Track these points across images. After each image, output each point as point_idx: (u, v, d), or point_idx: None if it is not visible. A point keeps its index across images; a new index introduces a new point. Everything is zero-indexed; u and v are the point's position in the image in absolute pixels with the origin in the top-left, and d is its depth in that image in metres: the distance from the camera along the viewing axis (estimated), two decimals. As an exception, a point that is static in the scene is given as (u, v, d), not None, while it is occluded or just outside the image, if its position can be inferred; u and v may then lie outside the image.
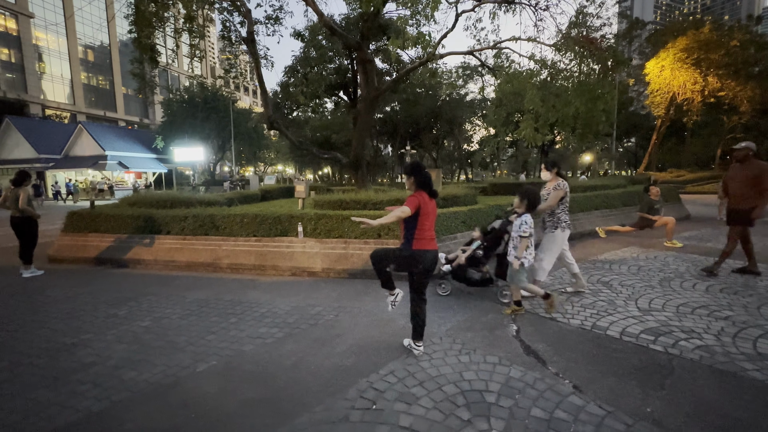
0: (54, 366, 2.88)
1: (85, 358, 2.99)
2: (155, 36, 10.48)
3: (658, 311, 3.67)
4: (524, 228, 3.49)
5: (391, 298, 3.12)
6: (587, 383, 2.47)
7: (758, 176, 4.51)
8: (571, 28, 8.74)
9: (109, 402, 2.38)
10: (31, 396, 2.47)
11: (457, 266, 4.14)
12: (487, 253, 4.09)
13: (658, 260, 5.71)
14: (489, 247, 4.10)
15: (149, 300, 4.42)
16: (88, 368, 2.83)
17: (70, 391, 2.53)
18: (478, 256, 4.08)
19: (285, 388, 2.51)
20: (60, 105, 40.99)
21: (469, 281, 4.17)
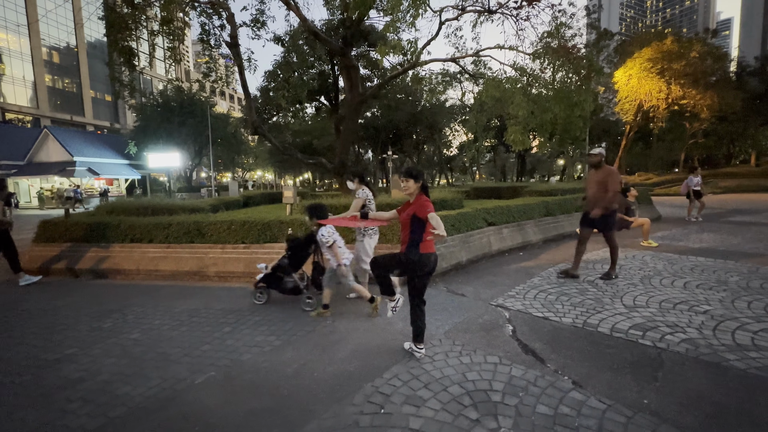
0: (39, 383, 2.72)
1: (71, 374, 2.84)
2: (132, 39, 10.17)
3: (642, 308, 3.85)
4: (325, 238, 3.83)
5: (392, 304, 3.13)
6: (586, 379, 2.56)
7: (604, 180, 4.73)
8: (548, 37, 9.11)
9: (104, 418, 2.28)
10: (17, 416, 2.33)
11: (270, 274, 4.21)
12: (292, 262, 4.20)
13: (637, 259, 5.98)
14: (294, 256, 4.22)
15: (135, 311, 4.25)
16: (77, 384, 2.70)
17: (60, 409, 2.40)
18: (283, 265, 4.19)
19: (290, 396, 2.47)
20: (22, 108, 38.83)
21: (282, 289, 4.23)
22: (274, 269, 4.21)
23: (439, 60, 9.54)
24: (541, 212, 7.91)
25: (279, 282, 4.21)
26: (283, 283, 4.21)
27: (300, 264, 4.29)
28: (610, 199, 4.70)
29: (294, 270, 4.24)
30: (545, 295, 4.34)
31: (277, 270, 4.20)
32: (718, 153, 37.35)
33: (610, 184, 4.69)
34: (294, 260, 4.22)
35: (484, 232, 6.45)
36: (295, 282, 4.19)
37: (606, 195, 4.71)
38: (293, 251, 4.23)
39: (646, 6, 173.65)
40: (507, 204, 7.37)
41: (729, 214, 11.86)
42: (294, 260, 4.22)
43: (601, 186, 4.76)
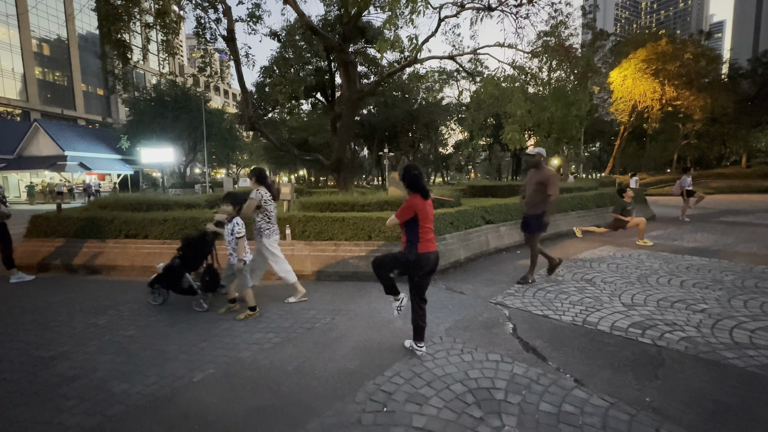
0: (32, 381, 2.66)
1: (66, 372, 2.78)
2: (124, 30, 9.98)
3: (641, 306, 3.87)
4: (238, 229, 3.74)
5: (396, 303, 3.09)
6: (587, 377, 2.56)
7: (544, 182, 4.57)
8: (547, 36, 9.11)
9: (102, 417, 2.23)
10: (10, 414, 2.27)
11: (163, 274, 4.12)
12: (185, 262, 4.11)
13: (633, 258, 6.02)
14: (186, 256, 4.12)
15: (130, 308, 4.18)
16: (72, 382, 2.64)
17: (55, 407, 2.34)
18: (175, 265, 4.09)
19: (291, 394, 2.44)
20: (11, 101, 38.07)
21: (177, 289, 4.13)
22: (165, 269, 4.09)
23: (437, 57, 9.50)
24: (538, 211, 7.92)
25: (174, 282, 4.09)
26: (178, 282, 4.07)
27: (194, 263, 4.14)
28: (552, 202, 4.56)
29: (188, 270, 4.09)
30: (544, 293, 4.35)
31: (170, 270, 4.08)
32: (710, 154, 37.83)
33: (549, 187, 4.52)
34: (186, 260, 4.09)
35: (482, 230, 6.45)
36: (190, 282, 4.05)
37: (543, 196, 4.56)
38: (185, 251, 4.11)
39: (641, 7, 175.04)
40: (505, 202, 7.38)
41: (721, 214, 12.01)
42: (186, 260, 4.09)
43: (540, 187, 4.59)
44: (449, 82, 24.89)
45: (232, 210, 3.82)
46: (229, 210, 3.81)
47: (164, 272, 4.11)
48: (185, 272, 4.08)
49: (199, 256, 4.17)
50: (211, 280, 4.11)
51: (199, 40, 11.45)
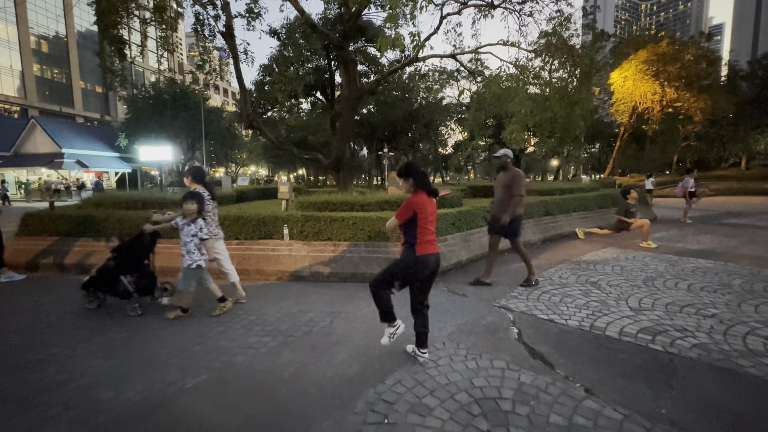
0: (17, 386, 2.54)
1: (53, 377, 2.66)
2: (122, 26, 9.84)
3: (649, 310, 3.76)
4: (204, 232, 3.71)
5: (390, 330, 2.83)
6: (598, 386, 2.45)
7: (509, 184, 4.48)
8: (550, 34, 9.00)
9: (86, 427, 2.11)
10: (-10, 424, 2.15)
11: (96, 276, 3.94)
12: (122, 264, 3.94)
13: (638, 260, 5.92)
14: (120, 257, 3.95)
15: (123, 309, 4.05)
16: (58, 388, 2.52)
17: (38, 416, 2.22)
18: (109, 267, 3.94)
19: (287, 402, 2.32)
20: (9, 98, 37.82)
21: (111, 292, 3.97)
22: (99, 271, 3.93)
23: (439, 56, 9.39)
24: (540, 212, 7.83)
25: (109, 285, 3.92)
26: (113, 285, 3.91)
27: (131, 265, 3.98)
28: (515, 204, 4.43)
29: (124, 272, 3.92)
30: (548, 297, 4.24)
31: (104, 272, 3.92)
32: (709, 156, 37.84)
33: (514, 188, 4.42)
34: (122, 261, 3.93)
35: (483, 231, 6.33)
36: (126, 285, 3.88)
37: (513, 198, 4.44)
38: (120, 252, 3.97)
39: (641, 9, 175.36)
40: (507, 203, 7.26)
41: (723, 216, 11.93)
42: (122, 261, 3.93)
43: (507, 189, 4.49)
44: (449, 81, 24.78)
45: (196, 209, 3.71)
46: (194, 209, 3.70)
47: (98, 274, 3.93)
48: (121, 274, 3.89)
49: (136, 257, 4.02)
50: (148, 283, 3.99)
51: (197, 36, 11.31)
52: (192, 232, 3.68)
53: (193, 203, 3.69)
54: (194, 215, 3.71)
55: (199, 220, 3.72)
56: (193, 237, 3.68)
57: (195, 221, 3.70)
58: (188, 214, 3.70)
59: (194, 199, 3.71)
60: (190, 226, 3.69)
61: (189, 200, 3.69)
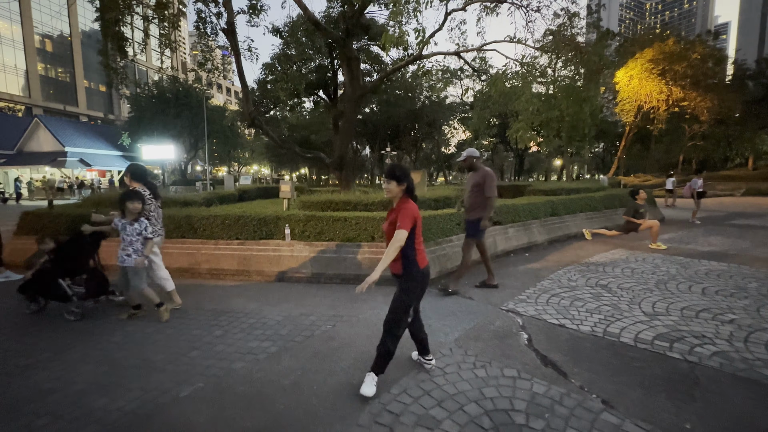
0: (4, 394, 2.43)
1: (42, 383, 2.55)
2: (123, 22, 9.76)
3: (663, 315, 3.61)
4: (150, 231, 3.67)
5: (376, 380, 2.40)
6: (616, 397, 2.31)
7: (480, 183, 4.29)
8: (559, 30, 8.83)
9: (74, 440, 1.99)
10: (-27, 435, 2.04)
11: (32, 279, 3.78)
12: (59, 267, 3.77)
13: (648, 262, 5.76)
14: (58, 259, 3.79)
15: (117, 310, 3.94)
16: (47, 396, 2.40)
17: (25, 425, 2.11)
18: (46, 270, 3.77)
19: (286, 413, 2.20)
20: (13, 97, 37.95)
21: (49, 295, 3.82)
22: (35, 274, 3.77)
23: (443, 53, 9.24)
24: (547, 212, 7.68)
25: (46, 287, 3.75)
26: (50, 288, 3.74)
27: (70, 268, 3.82)
28: (491, 206, 4.28)
29: (62, 275, 3.74)
30: (558, 300, 4.10)
31: (40, 275, 3.75)
32: (715, 156, 37.41)
33: (486, 188, 4.24)
34: (60, 264, 3.77)
35: (489, 232, 6.19)
36: (64, 288, 3.70)
37: (481, 199, 4.28)
38: (56, 254, 3.81)
39: (645, 8, 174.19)
40: (513, 203, 7.12)
41: (731, 217, 11.72)
42: (60, 264, 3.77)
43: (477, 190, 4.31)
44: (452, 80, 24.60)
45: (140, 209, 3.64)
46: (138, 208, 3.61)
47: (34, 277, 3.77)
48: (59, 277, 3.73)
49: (74, 260, 3.86)
50: (96, 286, 3.87)
51: (199, 34, 11.21)
52: (137, 231, 3.61)
53: (137, 202, 3.62)
54: (137, 215, 3.64)
55: (142, 219, 3.67)
56: (138, 236, 3.61)
57: (139, 220, 3.63)
58: (130, 214, 3.60)
59: (137, 198, 3.63)
60: (134, 225, 3.60)
61: (132, 200, 3.60)
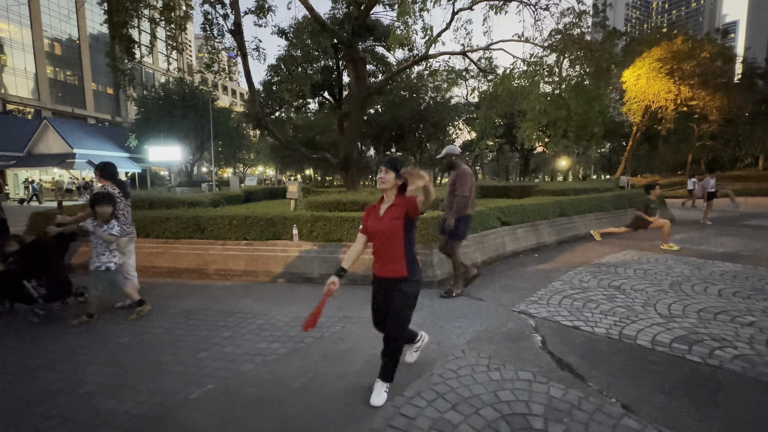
0: (12, 395, 2.41)
1: (50, 384, 2.53)
2: (131, 25, 9.83)
3: (680, 317, 3.52)
4: (116, 230, 3.63)
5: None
6: (636, 402, 2.23)
7: (454, 182, 4.20)
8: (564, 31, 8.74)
9: (83, 442, 1.96)
10: (-18, 437, 2.01)
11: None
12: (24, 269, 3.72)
13: (660, 263, 5.65)
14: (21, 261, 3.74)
15: (128, 311, 3.93)
16: (55, 397, 2.38)
17: (32, 428, 2.08)
18: (11, 272, 3.69)
19: (298, 417, 2.15)
20: (23, 100, 38.44)
21: (12, 297, 3.79)
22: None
23: (450, 53, 9.19)
24: (556, 212, 7.58)
25: (10, 290, 3.71)
26: (14, 290, 3.69)
27: (35, 270, 3.75)
28: (459, 204, 4.08)
29: (27, 277, 3.68)
30: (571, 301, 4.02)
31: (4, 278, 3.68)
32: (724, 156, 36.92)
33: (458, 188, 4.12)
34: (23, 266, 3.73)
35: (498, 232, 6.12)
36: (29, 290, 3.64)
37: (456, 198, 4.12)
38: (20, 256, 3.77)
39: (652, 7, 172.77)
40: (522, 203, 7.03)
41: (743, 217, 11.52)
42: (23, 266, 3.73)
43: (454, 188, 4.20)
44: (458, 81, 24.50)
45: (111, 212, 3.63)
46: (108, 212, 3.61)
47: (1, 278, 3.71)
48: (24, 279, 3.66)
49: (40, 262, 3.79)
50: (59, 288, 3.82)
51: (206, 36, 11.25)
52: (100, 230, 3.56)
53: (108, 206, 3.61)
54: (108, 217, 3.61)
55: (113, 222, 3.63)
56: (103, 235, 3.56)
57: (110, 223, 3.60)
58: (101, 217, 3.58)
59: (108, 202, 3.62)
60: (103, 227, 3.57)
61: (103, 203, 3.59)
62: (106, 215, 3.58)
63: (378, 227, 2.24)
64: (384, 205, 2.29)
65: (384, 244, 2.22)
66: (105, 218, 3.59)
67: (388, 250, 2.22)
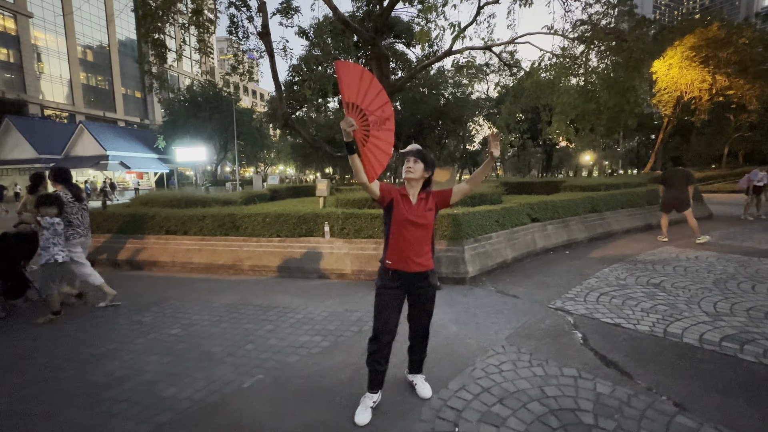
0: (82, 380, 2.60)
1: (115, 371, 2.70)
2: (162, 31, 10.21)
3: (728, 315, 3.40)
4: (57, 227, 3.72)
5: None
6: (689, 401, 2.19)
7: None
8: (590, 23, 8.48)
9: (153, 425, 2.10)
10: (63, 418, 2.18)
11: None
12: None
13: (701, 261, 5.44)
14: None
15: (173, 305, 4.13)
16: (121, 383, 2.55)
17: (106, 411, 2.24)
18: None
19: (348, 408, 2.23)
20: (59, 105, 40.55)
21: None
22: None
23: (474, 48, 9.08)
24: (586, 208, 7.40)
25: None
26: None
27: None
28: None
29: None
30: (609, 299, 3.94)
31: None
32: (765, 148, 34.85)
33: None
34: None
35: (528, 229, 6.04)
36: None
37: None
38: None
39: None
40: (551, 199, 6.91)
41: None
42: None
43: None
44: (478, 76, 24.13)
45: (56, 213, 3.76)
46: (53, 213, 3.73)
47: None
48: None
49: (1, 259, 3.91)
50: (17, 286, 3.94)
51: (231, 39, 11.54)
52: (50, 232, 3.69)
53: (52, 208, 3.73)
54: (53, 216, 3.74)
55: (55, 219, 3.74)
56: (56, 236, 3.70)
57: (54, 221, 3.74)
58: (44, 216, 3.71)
59: (52, 204, 3.74)
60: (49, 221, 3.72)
61: (47, 205, 3.72)
62: (51, 215, 3.75)
63: (411, 215, 2.07)
64: (412, 195, 2.15)
65: (415, 235, 2.08)
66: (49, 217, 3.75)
67: (419, 242, 2.09)
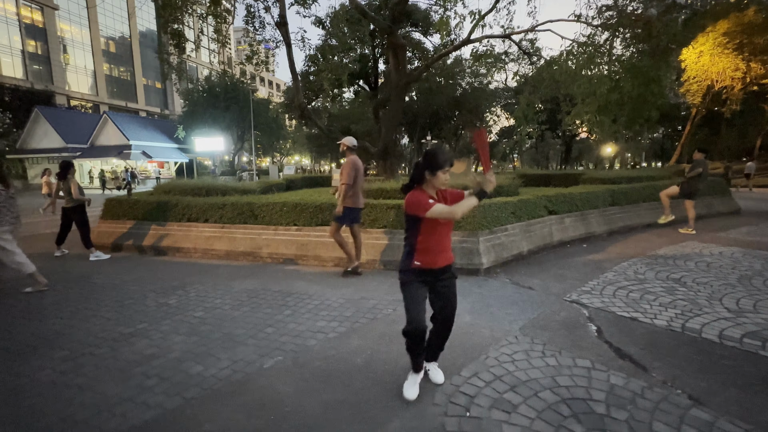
0: (115, 357, 2.77)
1: (145, 350, 2.87)
2: (180, 22, 10.37)
3: (751, 312, 3.33)
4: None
5: None
6: (706, 395, 2.18)
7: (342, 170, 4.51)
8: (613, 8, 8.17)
9: (181, 399, 2.23)
10: (99, 390, 2.35)
11: None
12: None
13: (726, 257, 5.29)
14: None
15: (196, 289, 4.31)
16: (151, 360, 2.71)
17: (138, 385, 2.40)
18: None
19: (364, 389, 2.31)
20: (84, 96, 41.80)
21: None
22: None
23: (493, 36, 8.89)
24: (606, 201, 7.25)
25: None
26: None
27: None
28: (342, 193, 4.47)
29: None
30: (626, 293, 3.90)
31: None
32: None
33: (341, 176, 4.50)
34: None
35: (545, 222, 5.98)
36: None
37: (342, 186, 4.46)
38: None
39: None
40: (570, 192, 6.80)
41: None
42: None
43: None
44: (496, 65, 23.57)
45: None
46: None
47: None
48: None
49: None
50: None
51: (247, 29, 11.63)
52: None
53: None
54: None
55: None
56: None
57: None
58: None
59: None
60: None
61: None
62: None
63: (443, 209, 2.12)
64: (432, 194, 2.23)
65: (441, 232, 2.22)
66: None
67: (444, 239, 2.24)
